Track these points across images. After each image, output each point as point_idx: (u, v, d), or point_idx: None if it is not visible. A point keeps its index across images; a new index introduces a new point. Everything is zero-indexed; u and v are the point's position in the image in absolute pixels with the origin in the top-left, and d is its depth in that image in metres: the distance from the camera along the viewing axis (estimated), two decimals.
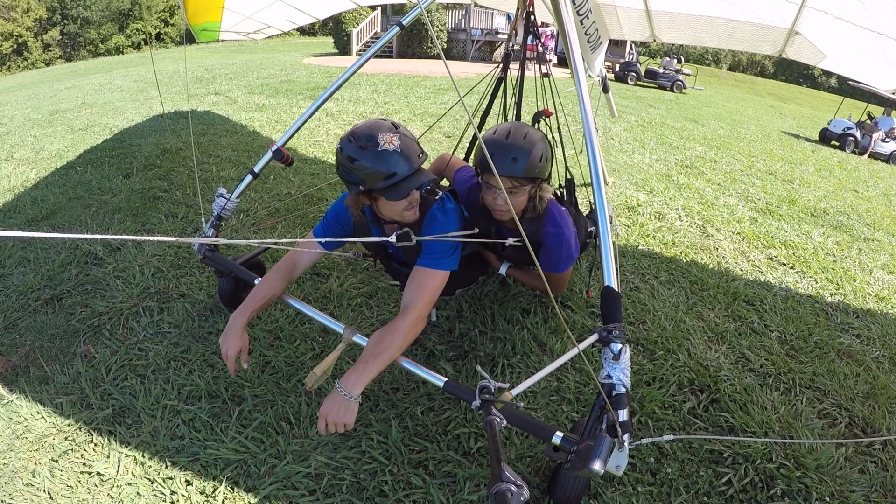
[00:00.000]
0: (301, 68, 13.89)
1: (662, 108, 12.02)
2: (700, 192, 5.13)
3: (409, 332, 1.65)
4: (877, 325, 2.99)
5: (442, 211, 1.82)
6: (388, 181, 1.59)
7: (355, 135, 1.61)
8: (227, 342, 1.77)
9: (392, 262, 2.17)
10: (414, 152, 1.63)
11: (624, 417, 1.35)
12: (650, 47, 32.27)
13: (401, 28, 2.57)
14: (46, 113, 8.12)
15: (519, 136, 1.89)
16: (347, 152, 1.60)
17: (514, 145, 1.86)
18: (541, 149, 1.90)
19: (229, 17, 3.10)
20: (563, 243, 2.06)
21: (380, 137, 1.57)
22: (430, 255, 1.77)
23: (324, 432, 1.54)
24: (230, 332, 1.78)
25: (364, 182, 1.61)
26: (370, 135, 1.58)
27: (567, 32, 1.92)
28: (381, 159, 1.57)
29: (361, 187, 1.64)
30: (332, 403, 1.52)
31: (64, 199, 3.94)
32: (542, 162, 1.91)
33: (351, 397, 1.51)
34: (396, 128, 1.64)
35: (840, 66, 2.84)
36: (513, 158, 1.84)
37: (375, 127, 1.61)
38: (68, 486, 1.66)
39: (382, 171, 1.57)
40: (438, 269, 1.75)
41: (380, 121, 1.66)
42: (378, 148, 1.56)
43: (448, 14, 20.79)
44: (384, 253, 2.17)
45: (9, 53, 32.20)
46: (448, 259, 1.77)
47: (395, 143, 1.58)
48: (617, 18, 3.61)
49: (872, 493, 1.83)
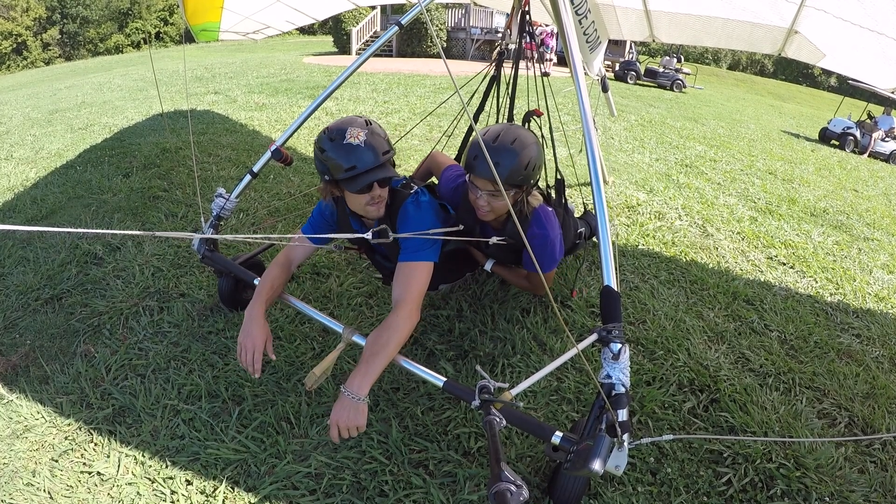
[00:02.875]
0: (301, 67, 13.88)
1: (662, 108, 12.01)
2: (700, 192, 5.13)
3: (404, 326, 1.66)
4: (877, 324, 2.99)
5: (415, 204, 1.84)
6: (349, 173, 1.67)
7: (329, 128, 1.74)
8: (251, 334, 1.75)
9: (376, 256, 2.21)
10: (379, 148, 1.70)
11: (623, 417, 1.36)
12: (650, 46, 32.23)
13: (400, 28, 2.57)
14: (46, 112, 8.11)
15: (507, 141, 1.84)
16: (320, 143, 1.73)
17: (500, 149, 1.82)
18: (529, 155, 1.84)
19: (228, 18, 3.10)
20: (548, 245, 2.06)
21: (348, 132, 1.67)
22: (408, 248, 1.81)
23: (337, 440, 1.53)
24: (253, 322, 1.78)
25: (329, 172, 1.71)
26: (340, 129, 1.69)
27: (566, 32, 1.92)
28: (344, 151, 1.66)
29: (327, 177, 1.74)
30: (341, 409, 1.52)
31: (63, 198, 3.94)
32: (529, 169, 1.86)
33: (359, 399, 1.52)
34: (369, 124, 1.73)
35: (839, 65, 2.84)
36: (496, 163, 1.80)
37: (348, 122, 1.72)
38: (68, 485, 1.66)
39: (343, 163, 1.66)
40: (420, 261, 1.79)
41: (354, 117, 1.76)
42: (343, 141, 1.66)
43: (448, 13, 20.79)
44: (367, 246, 2.19)
45: (8, 53, 32.19)
46: (427, 251, 1.80)
47: (360, 137, 1.67)
48: (616, 18, 3.61)
49: (872, 493, 1.84)
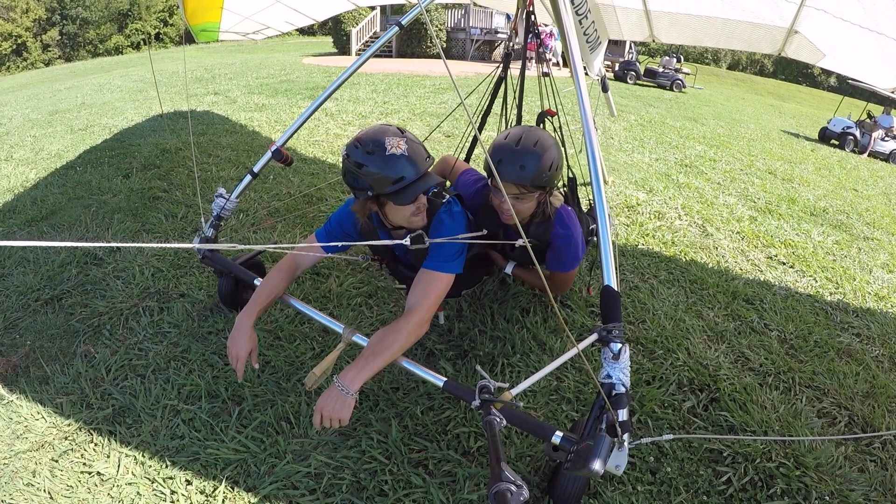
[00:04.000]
0: (300, 68, 13.88)
1: (662, 107, 12.02)
2: (699, 191, 5.13)
3: (411, 334, 1.65)
4: (876, 324, 2.99)
5: (449, 214, 1.81)
6: (396, 185, 1.59)
7: (362, 141, 1.61)
8: (237, 343, 1.74)
9: (399, 266, 2.15)
10: (421, 156, 1.64)
11: (623, 417, 1.36)
12: (650, 46, 32.23)
13: (400, 28, 2.57)
14: (46, 113, 8.11)
15: (529, 143, 1.86)
16: (355, 158, 1.60)
17: (524, 152, 1.84)
18: (552, 157, 1.87)
19: (228, 18, 3.10)
20: (572, 244, 2.06)
21: (387, 142, 1.58)
22: (437, 258, 1.75)
23: (318, 426, 1.54)
24: (239, 332, 1.76)
25: (372, 187, 1.61)
26: (377, 140, 1.59)
27: (566, 32, 1.92)
28: (388, 164, 1.57)
29: (370, 193, 1.64)
30: (328, 398, 1.52)
31: (63, 199, 3.94)
32: (552, 170, 1.88)
33: (348, 393, 1.51)
34: (402, 132, 1.65)
35: (839, 65, 2.84)
36: (521, 166, 1.82)
37: (381, 132, 1.62)
38: (68, 486, 1.67)
39: (390, 175, 1.58)
40: (444, 272, 1.74)
41: (385, 126, 1.66)
42: (385, 153, 1.57)
43: (447, 14, 20.79)
44: (391, 256, 2.15)
45: (8, 54, 32.19)
46: (454, 262, 1.77)
47: (402, 147, 1.59)
48: (616, 18, 3.61)
49: (872, 493, 1.84)
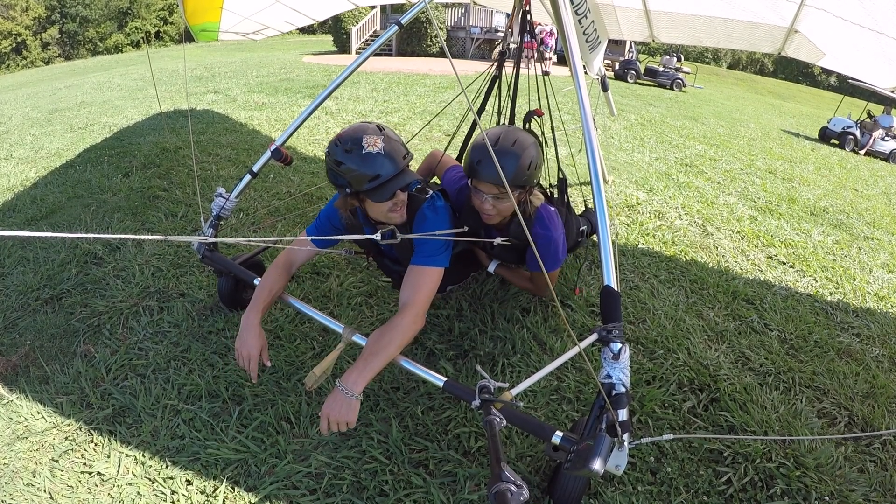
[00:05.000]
0: (300, 67, 13.86)
1: (662, 107, 12.01)
2: (700, 191, 5.13)
3: (408, 330, 1.67)
4: (876, 324, 2.99)
5: (432, 209, 1.84)
6: (373, 183, 1.63)
7: (341, 139, 1.65)
8: (247, 343, 1.76)
9: (385, 260, 2.19)
10: (398, 154, 1.66)
11: (624, 417, 1.36)
12: (650, 45, 32.11)
13: (399, 27, 2.57)
14: (45, 112, 8.10)
15: (507, 143, 1.89)
16: (334, 155, 1.64)
17: (502, 152, 1.86)
18: (530, 156, 1.90)
19: (228, 18, 3.09)
20: (551, 245, 2.09)
21: (364, 140, 1.61)
22: (423, 252, 1.79)
23: (325, 432, 1.55)
24: (248, 331, 1.77)
25: (351, 184, 1.65)
26: (355, 138, 1.63)
27: (566, 32, 1.92)
28: (365, 161, 1.61)
29: (348, 189, 1.68)
30: (333, 402, 1.53)
31: (63, 197, 3.94)
32: (531, 170, 1.91)
33: (352, 395, 1.52)
34: (381, 130, 1.68)
35: (839, 65, 2.84)
36: (500, 166, 1.83)
37: (360, 130, 1.66)
38: (68, 485, 1.67)
39: (367, 172, 1.61)
40: (432, 266, 1.77)
41: (365, 124, 1.70)
42: (362, 150, 1.61)
43: (447, 13, 20.77)
44: (377, 250, 2.19)
45: (8, 52, 32.17)
46: (440, 256, 1.79)
47: (378, 145, 1.62)
48: (616, 18, 3.60)
49: (872, 493, 1.84)
